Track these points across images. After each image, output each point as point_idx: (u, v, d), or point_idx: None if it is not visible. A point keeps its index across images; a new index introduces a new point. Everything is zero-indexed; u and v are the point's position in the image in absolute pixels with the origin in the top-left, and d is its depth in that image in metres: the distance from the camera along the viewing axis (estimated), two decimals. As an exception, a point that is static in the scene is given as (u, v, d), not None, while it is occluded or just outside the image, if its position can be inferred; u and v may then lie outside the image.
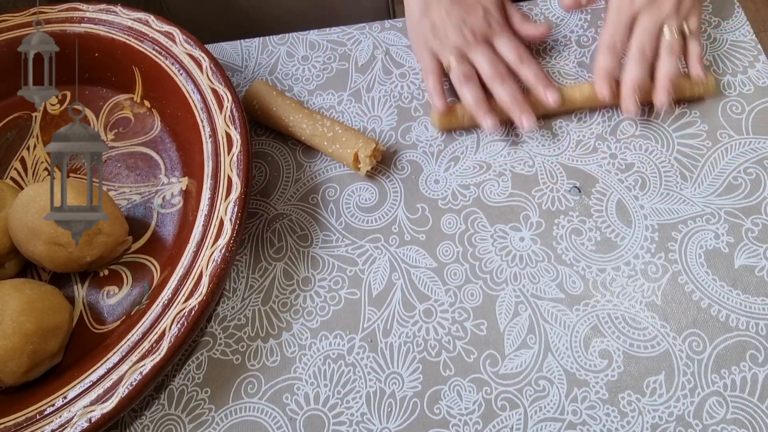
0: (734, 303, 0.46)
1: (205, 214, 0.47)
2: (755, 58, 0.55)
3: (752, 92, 0.54)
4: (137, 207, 0.54)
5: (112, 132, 0.57)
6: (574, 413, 0.44)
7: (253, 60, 0.61)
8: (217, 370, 0.47)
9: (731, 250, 0.48)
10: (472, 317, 0.48)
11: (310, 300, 0.49)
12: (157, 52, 0.54)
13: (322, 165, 0.55)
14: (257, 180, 0.55)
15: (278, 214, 0.53)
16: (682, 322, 0.46)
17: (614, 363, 0.45)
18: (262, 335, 0.48)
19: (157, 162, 0.55)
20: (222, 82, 0.52)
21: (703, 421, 0.43)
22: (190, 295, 0.44)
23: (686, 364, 0.45)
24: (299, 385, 0.47)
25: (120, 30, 0.56)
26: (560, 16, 0.60)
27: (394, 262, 0.50)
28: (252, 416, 0.46)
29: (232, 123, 0.50)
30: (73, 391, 0.43)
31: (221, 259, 0.45)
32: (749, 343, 0.45)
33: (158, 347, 0.43)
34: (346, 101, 0.58)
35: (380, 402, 0.45)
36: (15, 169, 0.56)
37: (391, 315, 0.48)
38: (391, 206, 0.52)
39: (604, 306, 0.47)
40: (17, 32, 0.57)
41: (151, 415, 0.46)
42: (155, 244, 0.52)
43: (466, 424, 0.44)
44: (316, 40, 0.61)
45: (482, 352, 0.46)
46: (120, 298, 0.50)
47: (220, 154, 0.49)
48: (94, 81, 0.59)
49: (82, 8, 0.57)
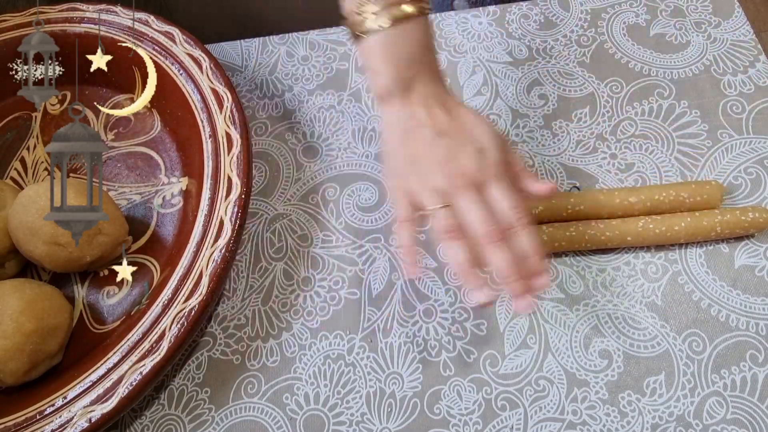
0: (734, 303, 0.46)
1: (205, 214, 0.47)
2: (755, 58, 0.55)
3: (752, 92, 0.54)
4: (137, 207, 0.54)
5: (112, 132, 0.57)
6: (574, 413, 0.44)
7: (253, 60, 0.61)
8: (217, 370, 0.47)
9: (731, 250, 0.48)
10: (472, 317, 0.48)
11: (310, 300, 0.49)
12: (157, 52, 0.54)
13: (322, 165, 0.55)
14: (257, 180, 0.55)
15: (278, 214, 0.53)
16: (682, 322, 0.46)
17: (614, 363, 0.45)
18: (262, 335, 0.48)
19: (157, 162, 0.55)
20: (222, 82, 0.52)
21: (703, 421, 0.43)
22: (190, 295, 0.44)
23: (686, 364, 0.45)
24: (299, 385, 0.47)
25: (120, 30, 0.56)
26: (560, 16, 0.60)
27: (394, 262, 0.50)
28: (252, 416, 0.46)
29: (232, 123, 0.50)
30: (73, 391, 0.43)
31: (221, 259, 0.45)
32: (749, 343, 0.45)
33: (158, 347, 0.43)
34: (346, 101, 0.58)
35: (380, 402, 0.45)
36: (15, 169, 0.56)
37: (391, 315, 0.48)
38: (391, 206, 0.52)
39: (604, 306, 0.47)
40: (17, 32, 0.57)
41: (151, 415, 0.46)
42: (155, 244, 0.51)
43: (466, 424, 0.44)
44: (316, 40, 0.61)
45: (482, 352, 0.46)
46: (120, 298, 0.50)
47: (220, 154, 0.49)
48: (94, 81, 0.59)
49: (82, 8, 0.57)
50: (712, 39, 0.57)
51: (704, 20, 0.58)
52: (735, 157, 0.51)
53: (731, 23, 0.57)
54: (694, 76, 0.55)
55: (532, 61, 0.58)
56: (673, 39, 0.57)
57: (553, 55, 0.58)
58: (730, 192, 0.50)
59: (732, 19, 0.57)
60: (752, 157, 0.51)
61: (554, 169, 0.52)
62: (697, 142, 0.52)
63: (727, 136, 0.52)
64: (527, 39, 0.59)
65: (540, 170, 0.52)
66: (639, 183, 0.51)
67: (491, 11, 0.61)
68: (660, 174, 0.51)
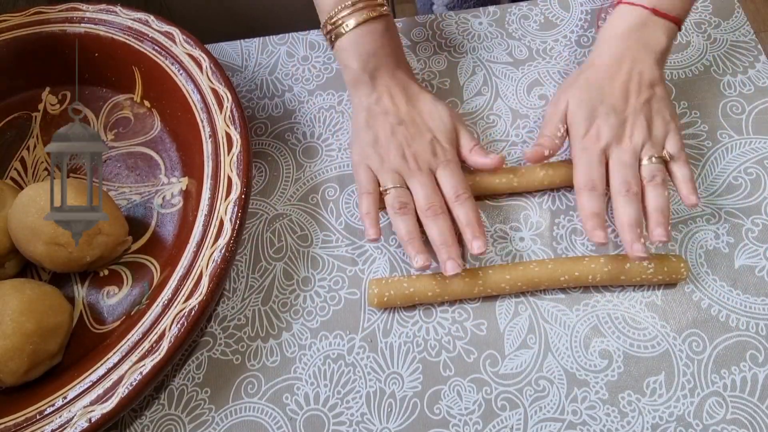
0: (734, 303, 0.46)
1: (205, 214, 0.47)
2: (755, 58, 0.55)
3: (752, 92, 0.54)
4: (137, 207, 0.54)
5: (112, 132, 0.57)
6: (574, 413, 0.44)
7: (253, 60, 0.61)
8: (217, 370, 0.47)
9: (731, 250, 0.48)
10: (472, 317, 0.48)
11: (310, 300, 0.49)
12: (157, 52, 0.54)
13: (322, 165, 0.55)
14: (257, 180, 0.55)
15: (278, 214, 0.53)
16: (682, 322, 0.46)
17: (614, 363, 0.45)
18: (262, 335, 0.48)
19: (157, 162, 0.55)
20: (222, 82, 0.52)
21: (703, 421, 0.43)
22: (190, 295, 0.44)
23: (686, 364, 0.45)
24: (299, 385, 0.47)
25: (120, 30, 0.56)
26: (560, 16, 0.60)
27: (394, 262, 0.50)
28: (252, 416, 0.46)
29: (232, 123, 0.50)
30: (73, 391, 0.43)
31: (221, 259, 0.45)
32: (749, 343, 0.45)
33: (158, 347, 0.43)
34: (346, 101, 0.58)
35: (380, 402, 0.45)
36: (15, 169, 0.56)
37: (391, 315, 0.48)
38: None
39: (604, 306, 0.47)
40: (17, 32, 0.57)
41: (151, 415, 0.46)
42: (155, 244, 0.51)
43: (466, 424, 0.44)
44: (316, 40, 0.61)
45: (482, 352, 0.46)
46: (120, 298, 0.50)
47: (220, 154, 0.49)
48: (94, 81, 0.59)
49: (82, 8, 0.57)
50: (712, 39, 0.57)
51: (704, 20, 0.58)
52: (735, 157, 0.51)
53: (731, 23, 0.57)
54: (694, 77, 0.55)
55: (532, 62, 0.58)
56: (673, 39, 0.57)
57: (553, 55, 0.58)
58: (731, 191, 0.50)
59: (732, 20, 0.57)
60: (752, 157, 0.51)
61: (554, 169, 0.52)
62: (697, 143, 0.52)
63: (726, 136, 0.52)
64: (527, 39, 0.59)
65: (540, 170, 0.52)
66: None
67: (491, 12, 0.61)
68: (660, 174, 0.51)
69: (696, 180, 0.51)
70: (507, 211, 0.51)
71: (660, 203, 0.45)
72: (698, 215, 0.49)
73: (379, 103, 0.50)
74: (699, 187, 0.50)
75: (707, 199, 0.50)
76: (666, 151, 0.47)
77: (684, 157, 0.47)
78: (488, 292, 0.47)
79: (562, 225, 0.50)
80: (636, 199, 0.45)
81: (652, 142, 0.47)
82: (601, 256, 0.47)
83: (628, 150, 0.47)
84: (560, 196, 0.51)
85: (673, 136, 0.47)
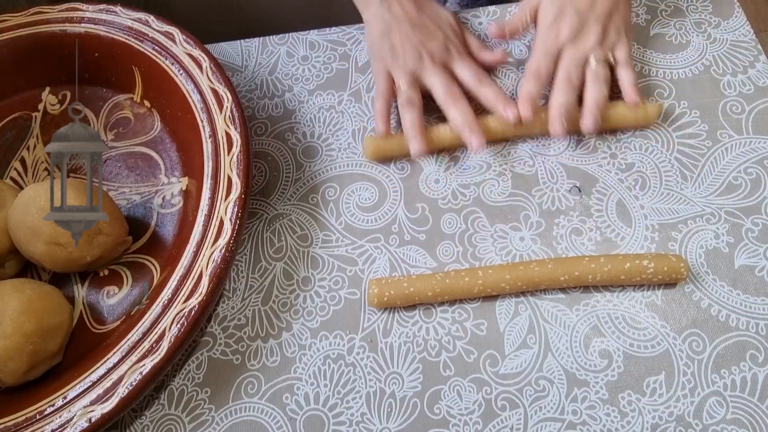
0: (734, 303, 0.46)
1: (205, 214, 0.47)
2: (755, 58, 0.55)
3: (752, 92, 0.54)
4: (137, 207, 0.54)
5: (112, 132, 0.57)
6: (574, 413, 0.44)
7: (253, 60, 0.61)
8: (217, 370, 0.47)
9: (731, 250, 0.48)
10: (472, 317, 0.48)
11: (310, 300, 0.49)
12: (157, 52, 0.54)
13: (322, 165, 0.55)
14: (257, 180, 0.55)
15: (278, 214, 0.53)
16: (682, 322, 0.46)
17: (614, 363, 0.45)
18: (262, 335, 0.48)
19: (157, 162, 0.55)
20: (222, 82, 0.52)
21: (703, 421, 0.43)
22: (190, 295, 0.44)
23: (686, 364, 0.45)
24: (299, 385, 0.47)
25: (120, 30, 0.56)
26: (560, 16, 0.60)
27: (394, 262, 0.50)
28: (252, 416, 0.46)
29: (232, 123, 0.50)
30: (73, 391, 0.43)
31: (221, 259, 0.45)
32: (749, 343, 0.45)
33: (158, 347, 0.43)
34: (346, 101, 0.58)
35: (380, 402, 0.45)
36: (15, 169, 0.56)
37: (391, 315, 0.48)
38: (391, 206, 0.52)
39: (604, 306, 0.47)
40: (17, 32, 0.57)
41: (151, 415, 0.46)
42: (155, 244, 0.52)
43: (466, 424, 0.44)
44: (316, 40, 0.61)
45: (482, 352, 0.46)
46: (120, 298, 0.50)
47: (220, 154, 0.49)
48: (94, 81, 0.59)
49: (82, 8, 0.57)
50: (712, 39, 0.57)
51: (704, 20, 0.58)
52: (735, 157, 0.51)
53: (731, 23, 0.57)
54: (693, 77, 0.55)
55: (532, 61, 0.58)
56: (673, 39, 0.57)
57: (553, 55, 0.58)
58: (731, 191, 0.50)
59: (732, 19, 0.57)
60: (752, 157, 0.51)
61: (554, 169, 0.52)
62: (697, 143, 0.52)
63: (726, 136, 0.52)
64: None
65: (540, 170, 0.52)
66: (639, 183, 0.51)
67: (491, 11, 0.61)
68: (660, 174, 0.51)
69: (696, 180, 0.51)
70: (507, 211, 0.51)
71: (596, 95, 0.50)
72: (698, 215, 0.49)
73: (391, 11, 0.53)
74: (699, 187, 0.50)
75: (707, 199, 0.50)
76: (613, 55, 0.52)
77: (631, 64, 0.52)
78: (488, 292, 0.47)
79: (562, 225, 0.50)
80: (572, 89, 0.50)
81: (602, 46, 0.51)
82: (601, 256, 0.47)
83: (580, 50, 0.51)
84: (560, 196, 0.51)
85: (622, 46, 0.52)
